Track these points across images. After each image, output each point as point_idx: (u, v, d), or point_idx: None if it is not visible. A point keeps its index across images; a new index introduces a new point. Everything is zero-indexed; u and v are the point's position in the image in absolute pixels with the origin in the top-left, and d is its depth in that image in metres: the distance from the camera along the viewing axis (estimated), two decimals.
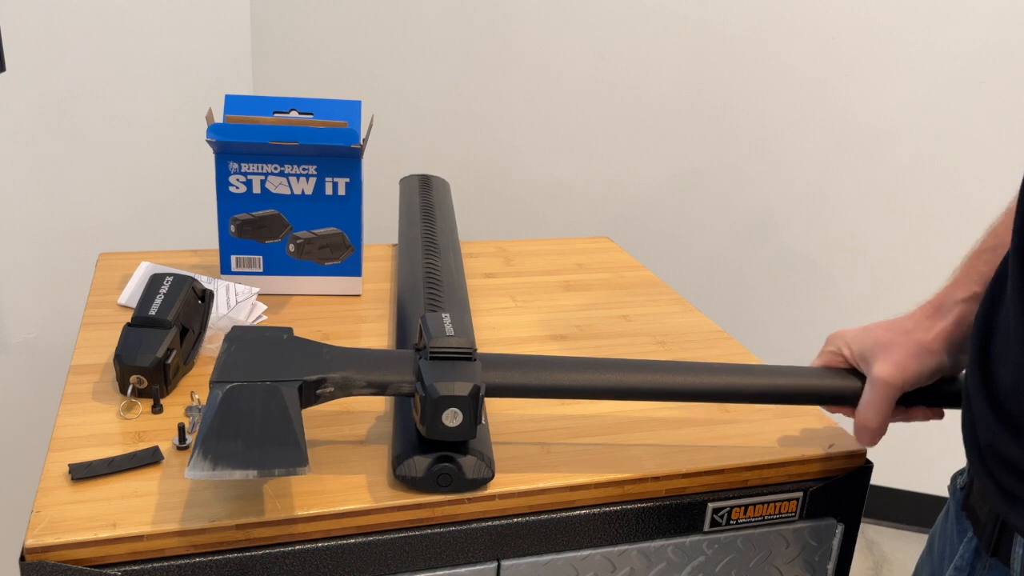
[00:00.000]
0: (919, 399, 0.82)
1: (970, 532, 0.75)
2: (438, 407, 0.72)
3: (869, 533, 2.19)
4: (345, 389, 0.76)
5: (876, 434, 0.82)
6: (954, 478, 0.81)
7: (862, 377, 0.82)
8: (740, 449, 0.86)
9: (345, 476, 0.77)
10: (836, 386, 0.83)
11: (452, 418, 0.73)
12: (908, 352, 0.80)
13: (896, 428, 0.84)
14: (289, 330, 0.81)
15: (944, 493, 0.81)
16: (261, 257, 1.10)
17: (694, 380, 0.83)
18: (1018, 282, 0.65)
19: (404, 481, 0.76)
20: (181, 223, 1.82)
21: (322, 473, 0.78)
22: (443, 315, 0.81)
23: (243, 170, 1.06)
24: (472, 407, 0.73)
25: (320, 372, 0.76)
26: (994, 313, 0.71)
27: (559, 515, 0.79)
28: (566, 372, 0.81)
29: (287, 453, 0.68)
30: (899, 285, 2.06)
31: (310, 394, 0.75)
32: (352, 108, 1.12)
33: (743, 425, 0.90)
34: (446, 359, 0.76)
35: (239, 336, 0.80)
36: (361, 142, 1.06)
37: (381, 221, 1.57)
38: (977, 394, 0.69)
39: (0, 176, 1.46)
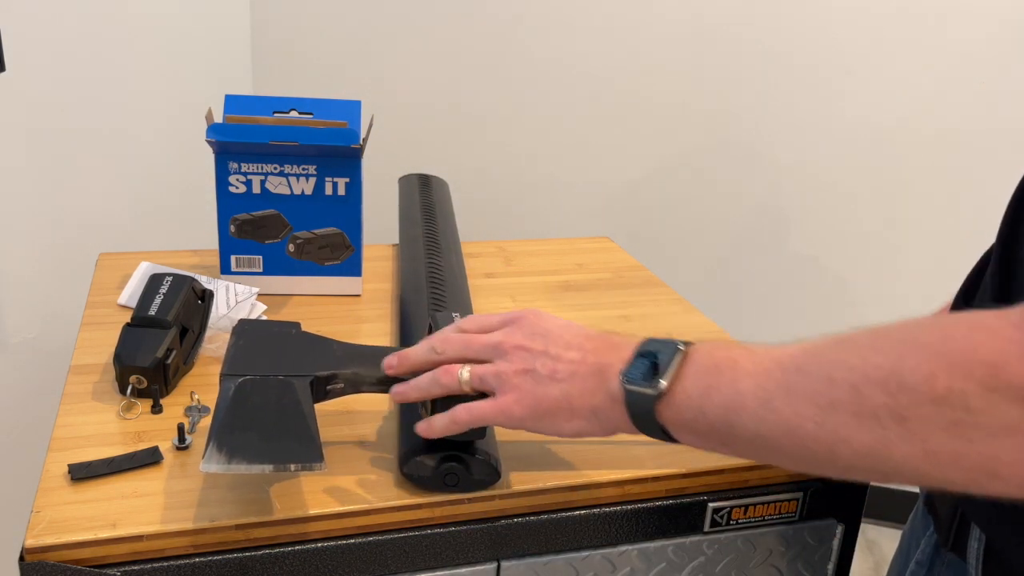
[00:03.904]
0: None
1: (932, 527, 0.76)
2: (448, 406, 0.72)
3: (869, 533, 2.19)
4: (355, 386, 0.76)
5: None
6: None
7: None
8: None
9: (348, 476, 0.77)
10: None
11: None
12: None
13: None
14: (297, 325, 0.81)
15: None
16: (261, 257, 1.10)
17: None
18: (997, 279, 0.66)
19: (411, 479, 0.75)
20: (181, 223, 1.82)
21: (325, 473, 0.77)
22: (453, 314, 0.81)
23: (243, 170, 1.06)
24: None
25: (331, 368, 0.75)
26: (967, 306, 0.72)
27: (559, 515, 0.79)
28: None
29: (302, 449, 0.68)
30: (902, 283, 2.06)
31: (320, 389, 0.75)
32: (352, 108, 1.12)
33: None
34: None
35: (247, 329, 0.80)
36: (361, 142, 1.06)
37: (381, 221, 1.57)
38: None
39: (0, 175, 1.46)
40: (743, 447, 0.60)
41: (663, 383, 0.62)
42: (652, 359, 0.64)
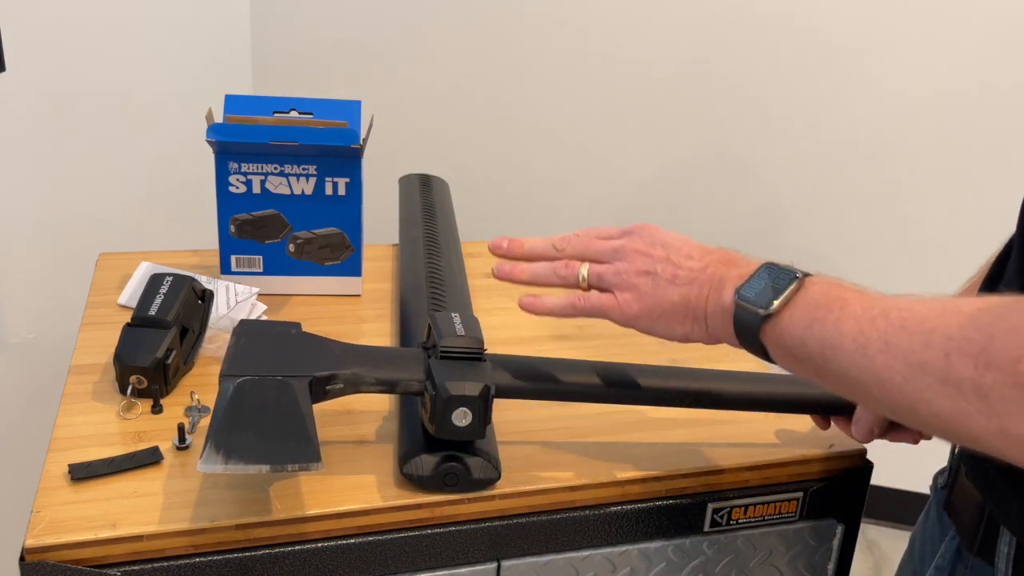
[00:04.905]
0: None
1: (952, 531, 0.75)
2: (448, 406, 0.73)
3: (869, 533, 2.19)
4: (354, 386, 0.76)
5: (872, 437, 0.82)
6: (935, 477, 0.81)
7: None
8: (740, 449, 0.86)
9: (348, 476, 0.77)
10: (833, 396, 0.83)
11: (462, 418, 0.73)
12: None
13: None
14: (297, 325, 0.81)
15: None
16: (261, 257, 1.10)
17: (700, 385, 0.83)
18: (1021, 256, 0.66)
19: (410, 479, 0.75)
20: (181, 223, 1.82)
21: (325, 473, 0.78)
22: (453, 315, 0.81)
23: (243, 170, 1.06)
24: (482, 407, 0.73)
25: (330, 368, 0.75)
26: (992, 290, 0.71)
27: (559, 515, 0.79)
28: (575, 375, 0.82)
29: (300, 449, 0.68)
30: (903, 284, 2.06)
31: (320, 390, 0.75)
32: (352, 108, 1.12)
33: (743, 425, 0.90)
34: (456, 359, 0.76)
35: (247, 330, 0.80)
36: (361, 142, 1.06)
37: (381, 221, 1.57)
38: None
39: (0, 175, 1.46)
40: (834, 383, 0.63)
41: (774, 306, 0.64)
42: (769, 281, 0.66)
